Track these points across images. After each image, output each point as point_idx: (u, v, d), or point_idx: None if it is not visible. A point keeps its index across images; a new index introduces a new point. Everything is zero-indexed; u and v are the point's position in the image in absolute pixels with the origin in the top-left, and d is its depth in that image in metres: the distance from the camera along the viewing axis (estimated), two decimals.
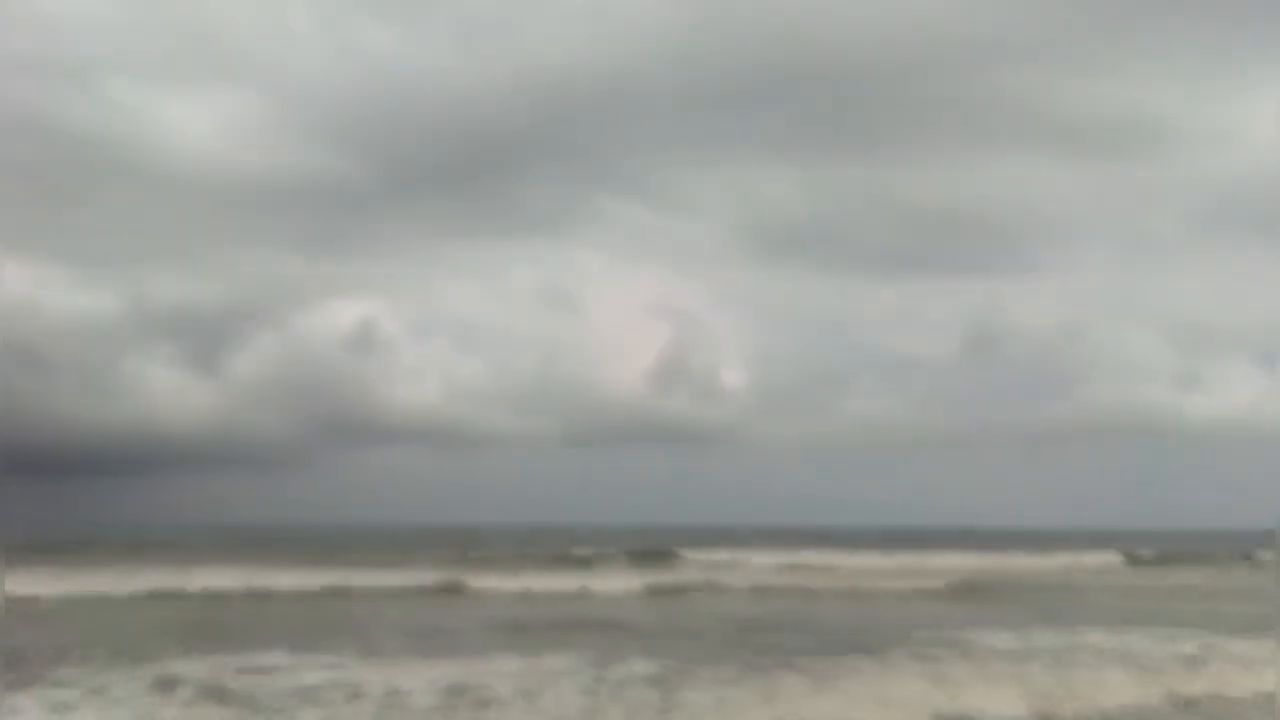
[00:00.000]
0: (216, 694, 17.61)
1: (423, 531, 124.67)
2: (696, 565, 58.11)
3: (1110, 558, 72.60)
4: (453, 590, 40.40)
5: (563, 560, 61.70)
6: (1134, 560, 73.23)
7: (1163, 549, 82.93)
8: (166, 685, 18.30)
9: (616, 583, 43.82)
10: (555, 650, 23.16)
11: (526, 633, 27.62)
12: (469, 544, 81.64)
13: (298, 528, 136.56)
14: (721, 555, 63.80)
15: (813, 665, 20.53)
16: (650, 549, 70.56)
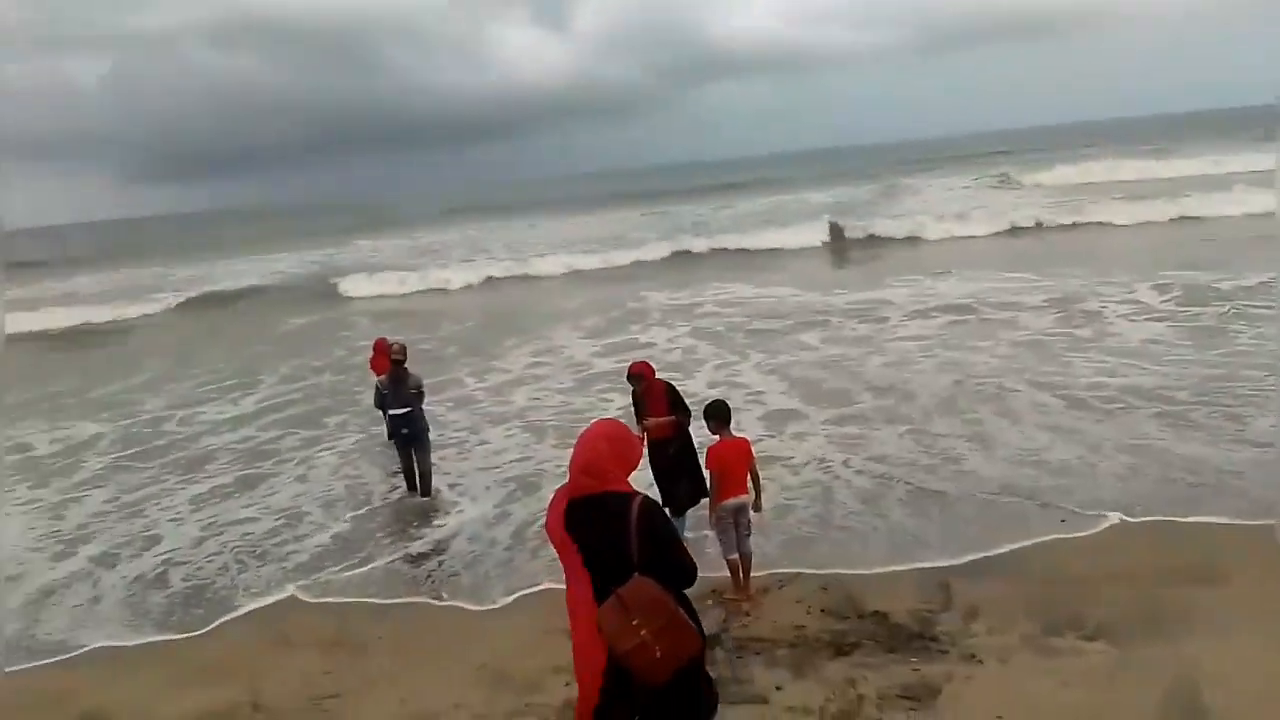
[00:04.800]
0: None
1: (786, 159, 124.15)
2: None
3: None
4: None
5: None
6: None
7: None
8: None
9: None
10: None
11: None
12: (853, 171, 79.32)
13: (664, 169, 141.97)
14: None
15: None
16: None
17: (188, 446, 13.12)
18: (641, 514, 3.34)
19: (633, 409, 7.84)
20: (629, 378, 7.81)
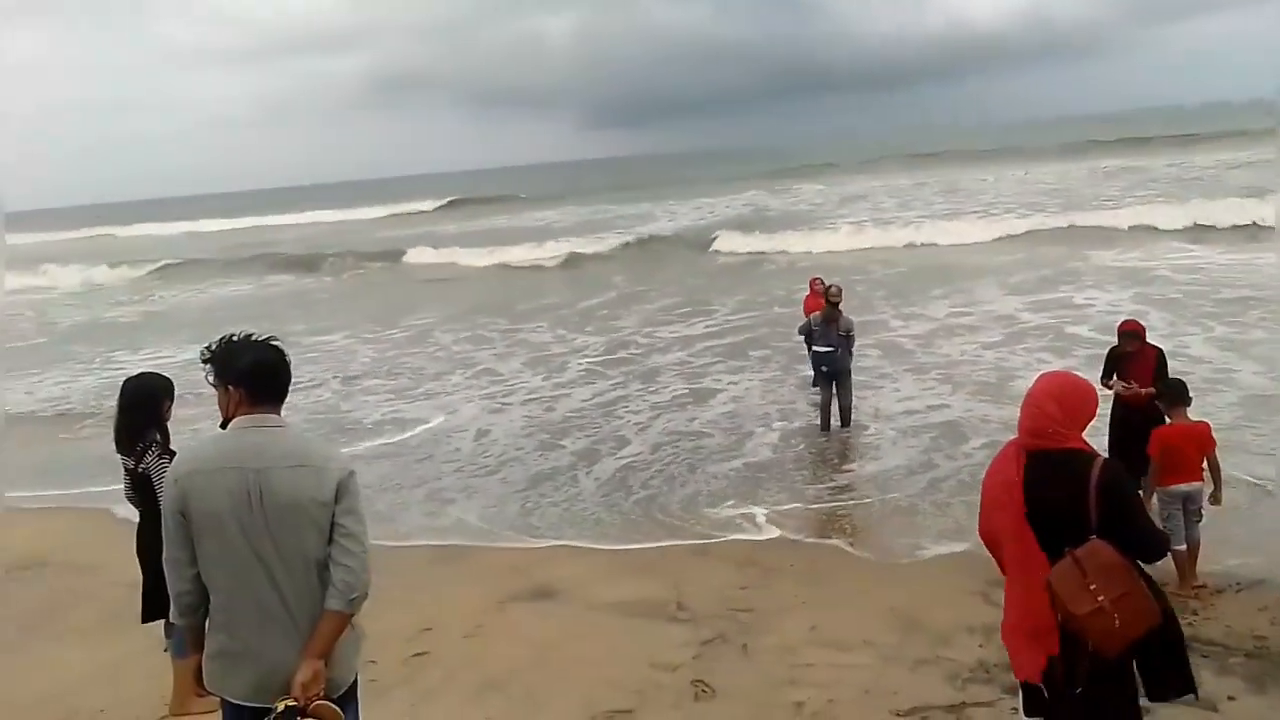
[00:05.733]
0: None
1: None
2: None
3: None
4: None
5: None
6: None
7: None
8: None
9: None
10: None
11: None
12: None
13: (1130, 116, 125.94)
14: None
15: None
16: None
17: (644, 361, 14.82)
18: (1103, 476, 3.12)
19: (1104, 364, 7.35)
20: (1122, 335, 7.24)
